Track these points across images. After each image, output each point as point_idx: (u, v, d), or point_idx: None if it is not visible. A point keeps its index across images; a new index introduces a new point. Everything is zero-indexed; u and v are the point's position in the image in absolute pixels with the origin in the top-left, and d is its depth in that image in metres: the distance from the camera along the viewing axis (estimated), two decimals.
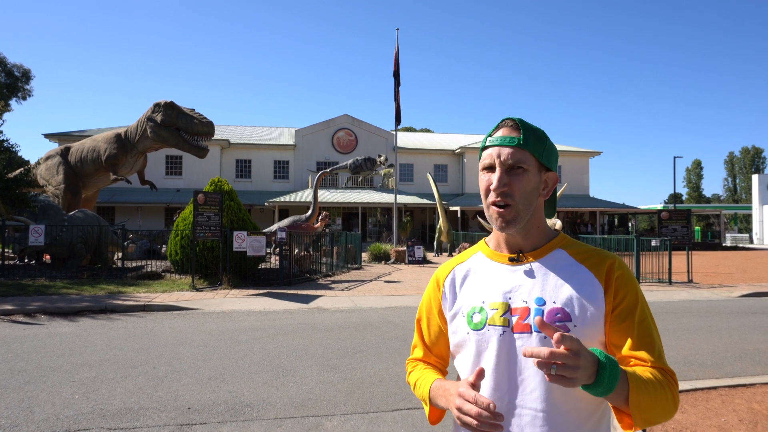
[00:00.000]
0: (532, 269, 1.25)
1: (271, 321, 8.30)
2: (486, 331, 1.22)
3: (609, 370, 1.01)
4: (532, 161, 1.23)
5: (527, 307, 1.20)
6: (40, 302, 9.35)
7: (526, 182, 1.22)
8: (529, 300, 1.21)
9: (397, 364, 5.74)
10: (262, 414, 4.21)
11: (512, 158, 1.22)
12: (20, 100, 39.94)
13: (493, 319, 1.22)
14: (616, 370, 1.02)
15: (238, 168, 34.74)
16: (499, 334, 1.20)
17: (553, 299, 1.19)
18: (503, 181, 1.21)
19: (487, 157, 1.25)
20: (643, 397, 1.06)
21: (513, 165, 1.22)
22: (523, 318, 1.19)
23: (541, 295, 1.20)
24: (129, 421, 4.03)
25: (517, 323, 1.19)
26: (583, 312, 1.17)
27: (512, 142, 1.23)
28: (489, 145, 1.26)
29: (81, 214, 13.91)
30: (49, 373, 5.28)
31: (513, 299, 1.23)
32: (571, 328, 1.15)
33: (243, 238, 12.08)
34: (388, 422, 4.08)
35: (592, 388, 1.01)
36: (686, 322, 8.51)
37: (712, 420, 4.01)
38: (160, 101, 14.57)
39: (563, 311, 1.17)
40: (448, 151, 37.17)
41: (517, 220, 1.23)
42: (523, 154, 1.22)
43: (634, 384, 1.06)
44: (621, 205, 36.30)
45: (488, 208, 1.25)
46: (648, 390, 1.07)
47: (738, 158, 74.42)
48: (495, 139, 1.25)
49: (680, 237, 14.48)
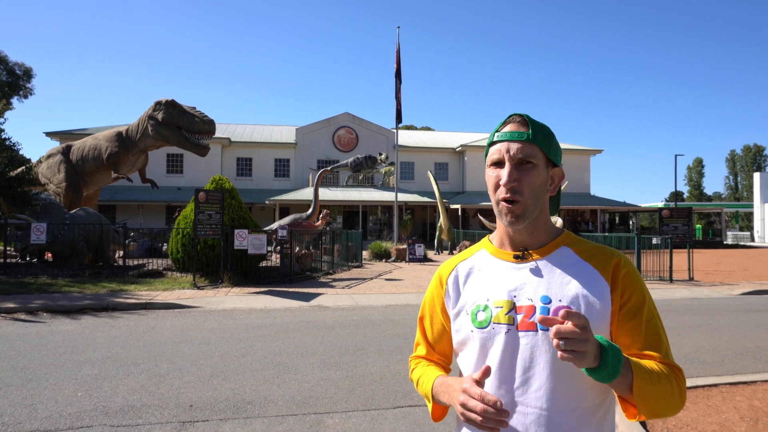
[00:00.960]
0: (538, 267, 1.24)
1: (272, 319, 8.32)
2: (491, 329, 1.21)
3: (612, 353, 1.02)
4: (540, 156, 1.23)
5: (533, 305, 1.19)
6: (43, 300, 9.37)
7: (536, 177, 1.22)
8: (534, 298, 1.20)
9: (398, 361, 5.76)
10: (264, 411, 4.23)
11: (522, 153, 1.21)
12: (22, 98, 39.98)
13: (498, 317, 1.21)
14: (620, 354, 1.04)
15: (239, 166, 34.77)
16: (504, 332, 1.20)
17: (558, 297, 1.18)
18: (513, 176, 1.20)
19: (496, 153, 1.25)
20: (647, 385, 1.07)
21: (522, 160, 1.21)
22: (528, 316, 1.19)
23: (547, 293, 1.20)
24: (131, 418, 4.05)
25: (523, 321, 1.19)
26: (590, 310, 1.16)
27: (521, 137, 1.22)
28: (497, 140, 1.25)
29: (82, 213, 13.94)
30: (51, 370, 5.30)
31: (518, 297, 1.22)
32: None
33: (244, 236, 12.09)
34: (390, 419, 4.10)
35: (597, 372, 1.02)
36: (687, 319, 8.51)
37: (713, 417, 4.02)
38: (162, 99, 14.56)
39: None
40: (448, 150, 37.15)
41: (526, 215, 1.22)
42: (532, 148, 1.22)
43: (638, 372, 1.07)
44: (622, 203, 36.30)
45: (497, 204, 1.24)
46: (653, 379, 1.08)
47: (739, 156, 74.28)
48: (504, 134, 1.24)
49: (681, 235, 14.48)
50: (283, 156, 35.34)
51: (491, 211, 30.52)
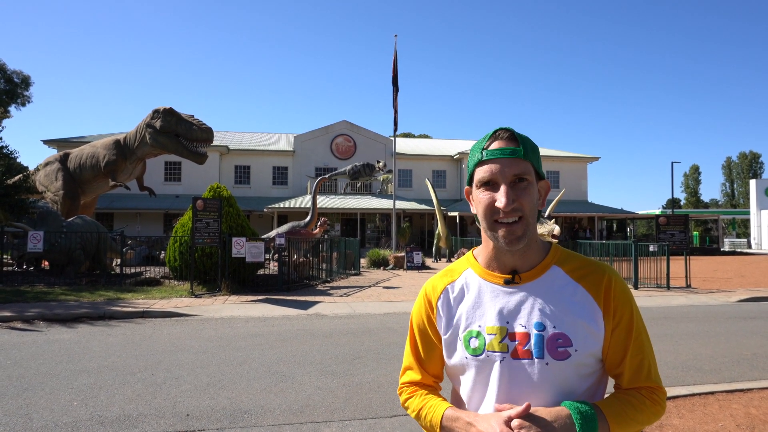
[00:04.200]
0: (529, 292, 1.21)
1: (269, 327, 8.30)
2: (485, 357, 1.20)
3: (585, 424, 1.10)
4: (533, 172, 1.19)
5: (527, 332, 1.18)
6: (39, 309, 9.34)
7: (532, 194, 1.18)
8: (528, 325, 1.18)
9: (395, 370, 5.74)
10: (261, 420, 4.22)
11: (516, 171, 1.16)
12: (19, 106, 39.99)
13: (492, 345, 1.19)
14: (593, 422, 1.11)
15: (237, 174, 34.80)
16: (499, 360, 1.18)
17: (553, 324, 1.18)
18: (512, 197, 1.15)
19: (486, 172, 1.18)
20: (623, 428, 1.15)
21: (517, 178, 1.17)
22: (523, 344, 1.17)
23: (540, 320, 1.18)
24: (127, 427, 4.03)
25: (518, 349, 1.18)
26: (584, 337, 1.18)
27: (514, 153, 1.16)
28: (486, 159, 1.18)
29: (80, 221, 13.92)
30: (47, 379, 5.28)
31: (511, 324, 1.20)
32: (572, 352, 1.16)
33: (242, 244, 12.09)
34: (387, 428, 4.09)
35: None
36: (684, 327, 8.52)
37: (709, 425, 4.02)
38: (159, 108, 14.60)
39: (564, 336, 1.17)
40: (446, 157, 37.27)
41: (527, 235, 1.18)
42: (525, 165, 1.17)
43: (615, 421, 1.14)
44: (619, 211, 36.39)
45: (490, 226, 1.18)
46: (628, 420, 1.17)
47: (736, 163, 74.65)
48: (494, 151, 1.17)
49: (678, 242, 14.53)
50: (281, 164, 35.40)
51: None
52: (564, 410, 1.11)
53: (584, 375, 1.19)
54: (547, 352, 1.16)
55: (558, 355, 1.16)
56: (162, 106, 14.57)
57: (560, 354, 1.16)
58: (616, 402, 1.18)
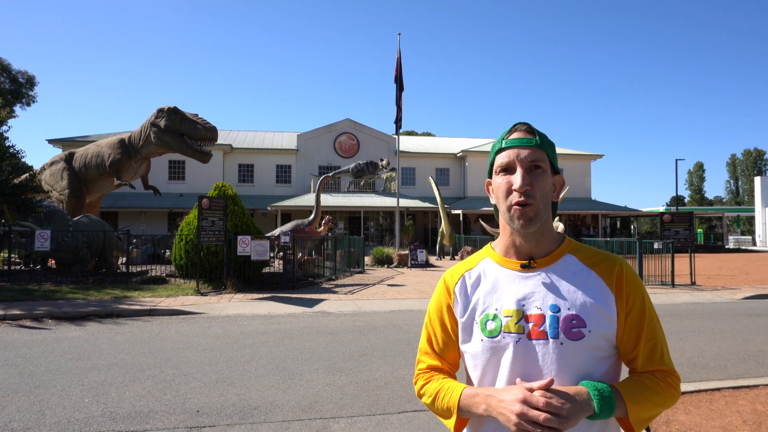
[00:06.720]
0: (545, 276, 1.28)
1: (276, 325, 8.35)
2: (501, 338, 1.24)
3: (603, 402, 1.13)
4: (547, 162, 1.29)
5: (542, 314, 1.23)
6: (47, 307, 9.42)
7: (545, 182, 1.27)
8: (543, 307, 1.24)
9: (402, 366, 5.79)
10: (270, 417, 4.26)
11: (532, 157, 1.26)
12: (24, 106, 40.22)
13: (508, 327, 1.24)
14: (611, 399, 1.14)
15: (240, 172, 34.87)
16: (515, 341, 1.23)
17: (567, 306, 1.23)
18: (527, 180, 1.24)
19: (505, 157, 1.28)
20: (641, 409, 1.19)
21: (533, 164, 1.26)
22: (538, 325, 1.22)
23: (555, 302, 1.24)
24: (139, 423, 4.08)
25: (533, 330, 1.22)
26: (597, 318, 1.22)
27: (530, 142, 1.27)
28: (506, 146, 1.28)
29: (86, 219, 14.00)
30: (58, 377, 5.34)
31: (527, 306, 1.25)
32: (585, 333, 1.21)
33: (247, 242, 12.14)
34: (395, 424, 4.13)
35: (595, 418, 1.15)
36: (689, 324, 8.53)
37: (716, 421, 4.05)
38: (164, 107, 14.65)
39: (578, 317, 1.22)
40: (449, 155, 37.24)
41: (538, 218, 1.25)
42: (541, 154, 1.27)
43: (631, 400, 1.17)
44: (623, 208, 36.32)
45: (509, 209, 1.26)
46: (644, 401, 1.19)
47: (740, 160, 74.36)
48: (512, 140, 1.28)
49: (683, 239, 14.51)
50: (284, 162, 35.44)
51: (492, 216, 30.55)
52: (582, 388, 1.15)
53: (598, 358, 1.23)
54: (562, 332, 1.20)
55: (572, 335, 1.20)
56: (166, 105, 14.62)
57: (574, 334, 1.20)
58: (633, 384, 1.21)
